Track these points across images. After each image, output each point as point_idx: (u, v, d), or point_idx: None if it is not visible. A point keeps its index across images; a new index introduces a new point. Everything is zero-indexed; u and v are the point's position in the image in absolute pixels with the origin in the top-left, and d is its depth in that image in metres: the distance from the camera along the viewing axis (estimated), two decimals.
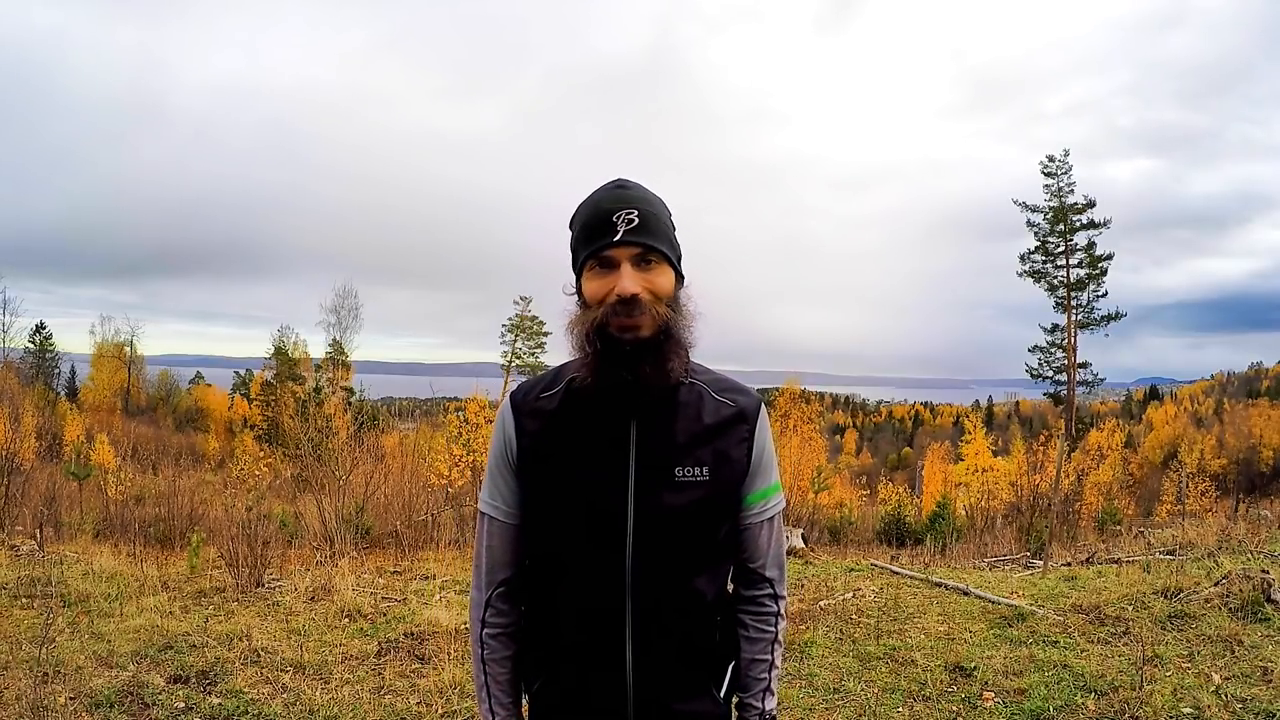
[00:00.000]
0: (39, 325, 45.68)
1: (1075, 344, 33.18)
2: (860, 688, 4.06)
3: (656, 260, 1.25)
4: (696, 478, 1.28)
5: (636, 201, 1.25)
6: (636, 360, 1.21)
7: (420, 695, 3.91)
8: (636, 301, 1.20)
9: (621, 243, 1.22)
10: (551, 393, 1.34)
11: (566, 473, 1.29)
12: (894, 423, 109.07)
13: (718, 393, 1.35)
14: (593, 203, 1.28)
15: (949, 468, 27.44)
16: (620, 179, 1.32)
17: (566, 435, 1.30)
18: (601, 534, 1.27)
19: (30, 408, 21.14)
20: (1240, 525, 9.22)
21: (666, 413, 1.30)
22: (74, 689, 3.74)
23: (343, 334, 39.98)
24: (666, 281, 1.26)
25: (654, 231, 1.25)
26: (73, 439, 24.62)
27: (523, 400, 1.35)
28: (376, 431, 19.09)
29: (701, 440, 1.30)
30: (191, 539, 7.42)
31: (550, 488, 1.31)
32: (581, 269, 1.27)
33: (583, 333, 1.24)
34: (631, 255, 1.23)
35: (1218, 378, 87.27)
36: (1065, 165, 33.25)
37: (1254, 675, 3.94)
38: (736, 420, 1.33)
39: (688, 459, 1.28)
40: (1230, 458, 48.28)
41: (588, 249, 1.24)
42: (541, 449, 1.31)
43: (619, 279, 1.22)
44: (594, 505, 1.27)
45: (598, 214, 1.25)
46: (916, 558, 10.24)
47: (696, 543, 1.31)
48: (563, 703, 1.35)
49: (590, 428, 1.29)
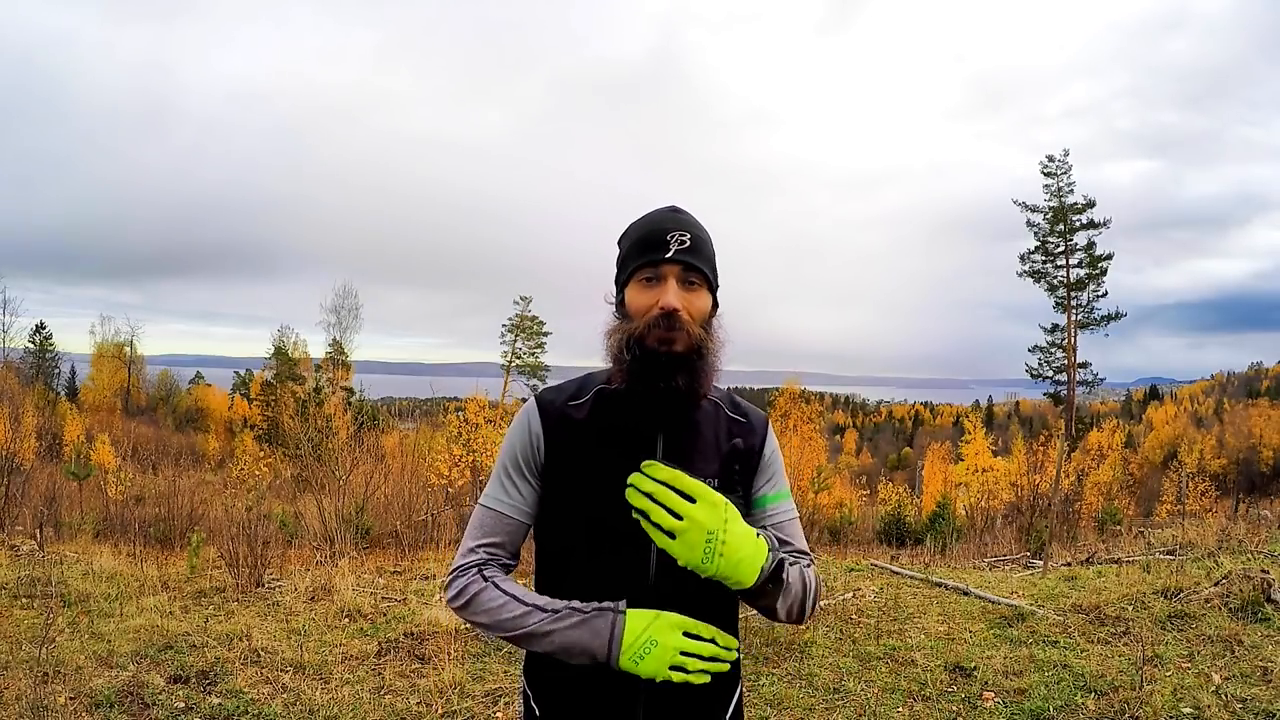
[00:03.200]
0: (39, 325, 45.68)
1: (1075, 344, 33.16)
2: (860, 688, 4.06)
3: (699, 283, 1.32)
4: (711, 486, 1.30)
5: (689, 226, 1.33)
6: (671, 372, 1.26)
7: (420, 695, 3.91)
8: (676, 317, 1.26)
9: (673, 260, 1.29)
10: (580, 402, 1.37)
11: (595, 482, 1.30)
12: (894, 423, 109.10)
13: (731, 410, 1.43)
14: (649, 221, 1.35)
15: (949, 468, 27.43)
16: (675, 205, 1.39)
17: (596, 445, 1.33)
18: (627, 543, 1.27)
19: (30, 408, 21.14)
20: (1240, 525, 9.22)
21: (691, 426, 1.36)
22: (74, 689, 3.74)
23: (343, 334, 40.01)
24: (705, 305, 1.33)
25: (702, 255, 1.32)
26: (73, 439, 24.65)
27: (550, 405, 1.36)
28: (376, 431, 19.10)
29: (717, 453, 1.37)
30: (191, 539, 7.42)
31: (577, 496, 1.32)
32: (628, 280, 1.33)
33: (620, 341, 1.29)
34: (678, 273, 1.29)
35: (1218, 378, 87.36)
36: (1065, 165, 33.23)
37: (1254, 675, 3.94)
38: (748, 431, 1.42)
39: (706, 471, 1.32)
40: (1230, 458, 48.31)
41: (639, 260, 1.31)
42: (571, 457, 1.33)
43: (664, 293, 1.28)
44: (623, 518, 1.25)
45: (654, 231, 1.31)
46: (916, 558, 10.25)
47: None
48: (569, 701, 1.33)
49: (619, 437, 1.32)
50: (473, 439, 17.26)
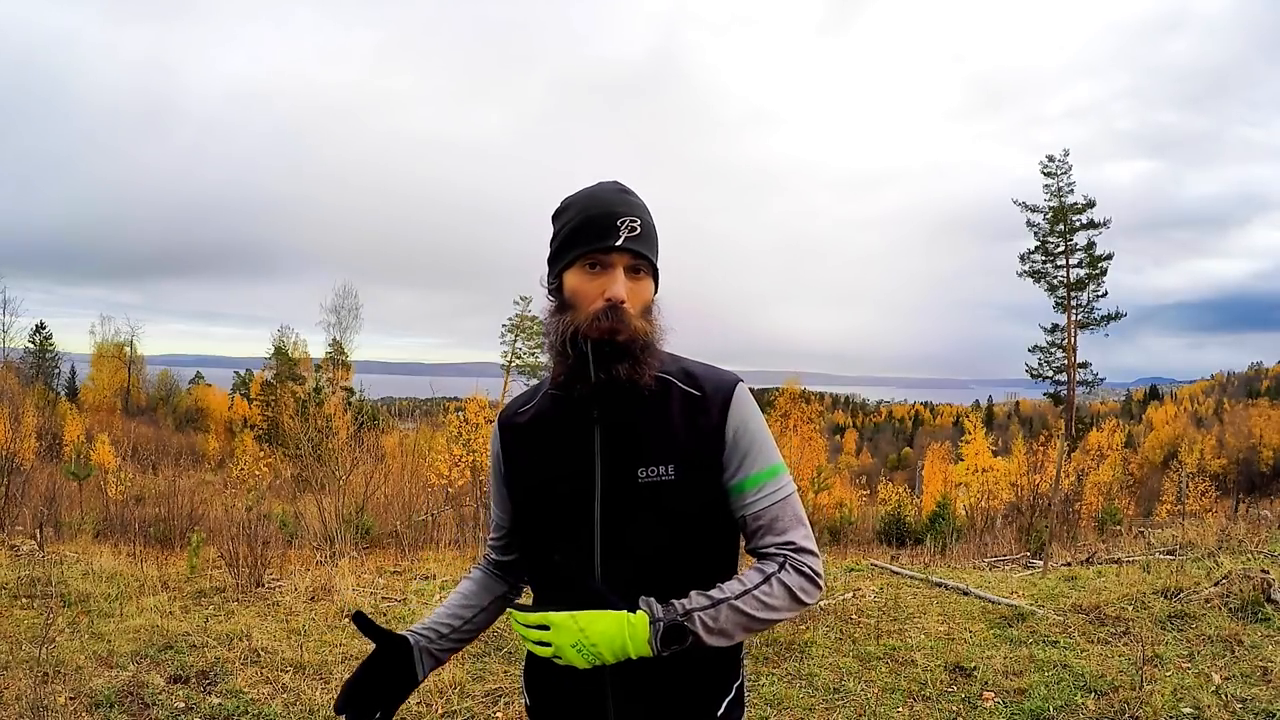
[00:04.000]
0: (39, 325, 45.73)
1: (1075, 344, 33.16)
2: (860, 688, 4.06)
3: (645, 272, 1.25)
4: (661, 477, 1.21)
5: (639, 210, 1.25)
6: (611, 362, 1.19)
7: (420, 695, 3.91)
8: (622, 310, 1.19)
9: (623, 248, 1.21)
10: (527, 407, 1.36)
11: (539, 485, 1.30)
12: (894, 423, 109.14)
13: (686, 382, 1.26)
14: (595, 202, 1.24)
15: (949, 468, 27.47)
16: (619, 182, 1.30)
17: (538, 446, 1.31)
18: (571, 544, 1.25)
19: (30, 408, 21.14)
20: (1240, 525, 9.22)
21: (632, 412, 1.24)
22: (74, 689, 3.74)
23: (343, 334, 40.04)
24: (649, 293, 1.27)
25: (651, 242, 1.25)
26: (73, 439, 24.66)
27: (505, 417, 1.39)
28: (376, 431, 19.12)
29: (668, 436, 1.23)
30: (191, 539, 7.42)
31: (527, 501, 1.33)
32: (570, 264, 1.24)
33: (563, 336, 1.22)
34: (627, 263, 1.22)
35: (1218, 378, 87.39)
36: (1065, 165, 33.23)
37: (1254, 675, 3.94)
38: (704, 407, 1.24)
39: (652, 458, 1.22)
40: (1230, 458, 48.33)
41: (586, 246, 1.21)
42: (519, 463, 1.34)
43: (610, 283, 1.20)
44: (563, 516, 1.26)
45: (602, 214, 1.22)
46: (916, 558, 10.25)
47: (669, 546, 1.23)
48: (549, 699, 1.35)
49: (559, 435, 1.29)
50: (473, 439, 17.28)
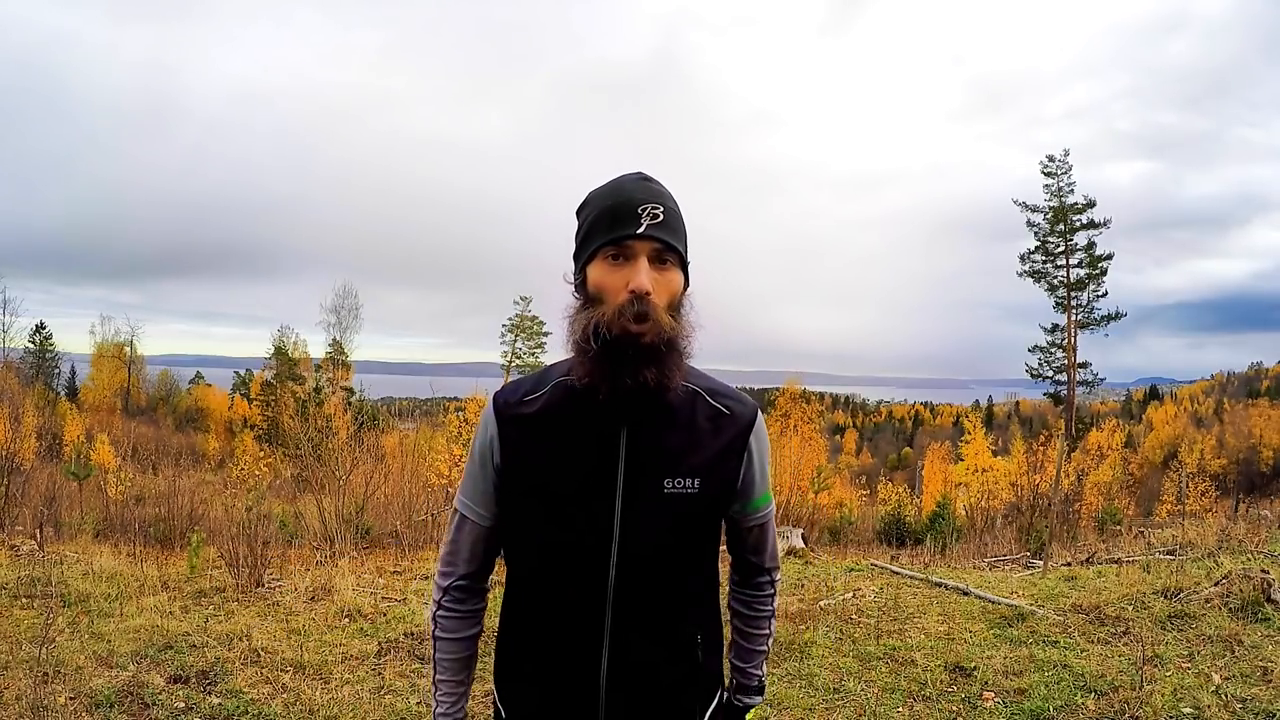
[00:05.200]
0: (39, 325, 45.74)
1: (1075, 344, 33.21)
2: (860, 688, 4.06)
3: (672, 261, 1.20)
4: (686, 489, 1.22)
5: (663, 197, 1.21)
6: (639, 366, 1.14)
7: (420, 695, 3.91)
8: (648, 301, 1.14)
9: (645, 235, 1.16)
10: (536, 395, 1.27)
11: (551, 483, 1.23)
12: (894, 423, 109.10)
13: (713, 399, 1.28)
14: (616, 190, 1.21)
15: (949, 468, 27.44)
16: (642, 172, 1.26)
17: (552, 443, 1.24)
18: (586, 548, 1.22)
19: (30, 408, 21.10)
20: (1240, 525, 9.21)
21: (659, 421, 1.22)
22: (74, 689, 3.74)
23: (343, 334, 40.08)
24: (677, 285, 1.21)
25: (676, 230, 1.21)
26: (73, 439, 24.62)
27: (505, 404, 1.28)
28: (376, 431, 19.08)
29: (694, 450, 1.24)
30: (191, 539, 7.41)
31: (533, 498, 1.25)
32: (592, 257, 1.20)
33: (586, 329, 1.16)
34: (651, 250, 1.17)
35: (1218, 378, 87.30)
36: (1065, 165, 33.29)
37: (1254, 675, 3.94)
38: (731, 429, 1.27)
39: (679, 470, 1.22)
40: (1230, 458, 48.31)
41: (607, 236, 1.17)
42: (526, 457, 1.25)
43: (634, 273, 1.15)
44: (579, 518, 1.21)
45: (622, 203, 1.18)
46: (916, 558, 10.24)
47: (684, 555, 1.26)
48: (534, 711, 1.31)
49: (578, 435, 1.22)
50: (472, 439, 17.26)
